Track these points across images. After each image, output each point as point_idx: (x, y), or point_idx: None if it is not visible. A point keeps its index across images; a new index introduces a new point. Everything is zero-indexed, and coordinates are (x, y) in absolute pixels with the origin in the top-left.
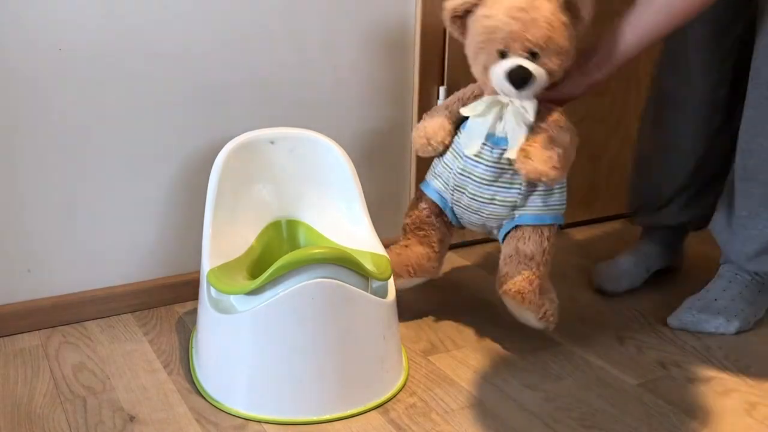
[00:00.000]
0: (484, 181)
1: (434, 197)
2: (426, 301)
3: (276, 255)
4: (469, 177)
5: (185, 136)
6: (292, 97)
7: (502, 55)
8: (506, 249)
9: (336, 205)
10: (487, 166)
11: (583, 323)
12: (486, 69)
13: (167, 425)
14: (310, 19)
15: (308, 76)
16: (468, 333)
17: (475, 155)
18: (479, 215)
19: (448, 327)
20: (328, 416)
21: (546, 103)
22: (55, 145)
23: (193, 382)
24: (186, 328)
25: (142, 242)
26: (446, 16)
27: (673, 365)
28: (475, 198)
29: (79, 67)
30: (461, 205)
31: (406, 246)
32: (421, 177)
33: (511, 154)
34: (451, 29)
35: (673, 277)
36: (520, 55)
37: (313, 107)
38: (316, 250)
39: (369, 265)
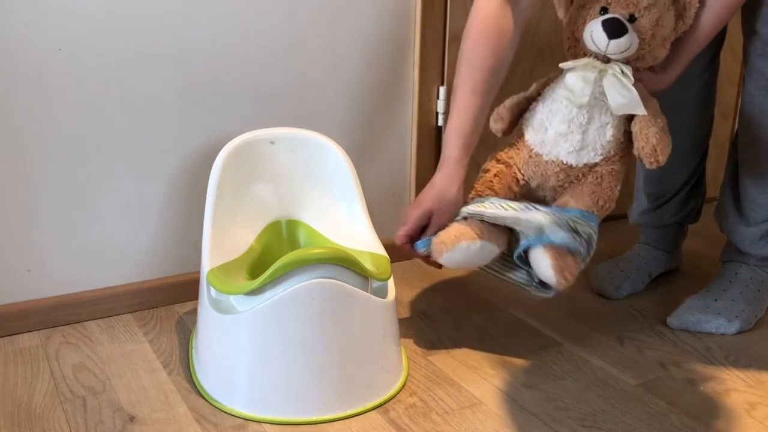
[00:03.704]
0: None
1: None
2: (426, 301)
3: (276, 255)
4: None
5: (185, 136)
6: (292, 97)
7: (603, 12)
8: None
9: (336, 205)
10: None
11: (583, 323)
12: (585, 23)
13: (167, 425)
14: (310, 19)
15: (308, 76)
16: (468, 333)
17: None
18: None
19: (448, 327)
20: (327, 416)
21: (641, 84)
22: (55, 144)
23: (193, 382)
24: (186, 328)
25: (142, 242)
26: None
27: (673, 365)
28: None
29: (79, 66)
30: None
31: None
32: (421, 177)
33: (639, 110)
34: None
35: (672, 277)
36: (620, 14)
37: (313, 107)
38: (316, 250)
39: (369, 265)
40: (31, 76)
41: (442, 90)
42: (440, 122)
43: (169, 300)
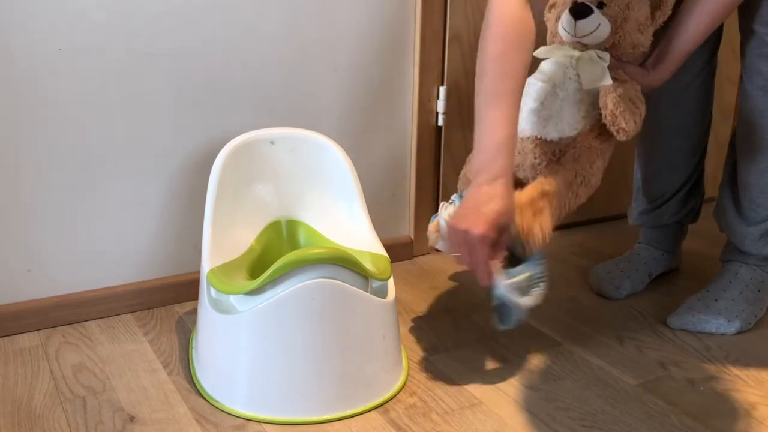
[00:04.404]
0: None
1: None
2: (426, 301)
3: (276, 255)
4: None
5: (185, 136)
6: (292, 97)
7: (573, 4)
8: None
9: (336, 205)
10: None
11: (583, 323)
12: (557, 20)
13: (167, 425)
14: (310, 18)
15: (308, 76)
16: (468, 333)
17: None
18: None
19: (448, 327)
20: (327, 416)
21: (620, 71)
22: (55, 145)
23: (193, 382)
24: (186, 328)
25: (142, 242)
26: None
27: (673, 365)
28: None
29: (79, 66)
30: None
31: None
32: (421, 177)
33: (605, 81)
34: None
35: (672, 276)
36: (588, 1)
37: (313, 107)
38: (316, 250)
39: (369, 265)
40: (31, 76)
41: (442, 90)
42: (440, 122)
43: (169, 300)
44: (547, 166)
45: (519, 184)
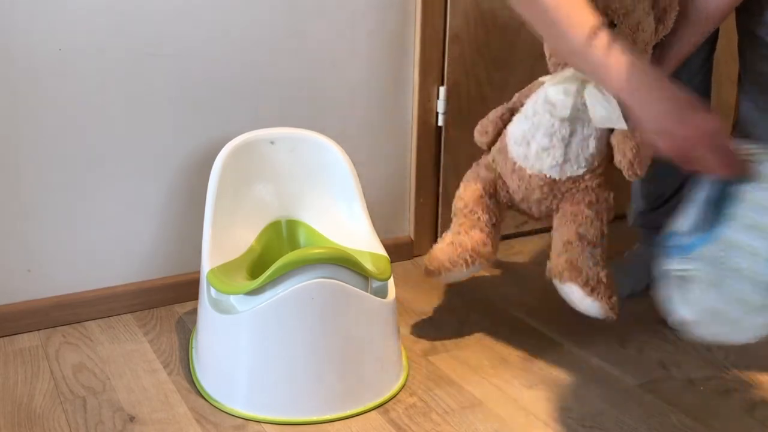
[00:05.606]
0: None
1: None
2: (426, 301)
3: (276, 255)
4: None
5: (185, 136)
6: (292, 97)
7: None
8: (564, 234)
9: (336, 205)
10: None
11: (583, 323)
12: None
13: (167, 425)
14: (310, 19)
15: (308, 75)
16: (468, 333)
17: None
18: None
19: (448, 327)
20: (327, 416)
21: None
22: (55, 145)
23: (193, 382)
24: (186, 328)
25: (142, 242)
26: None
27: (673, 365)
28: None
29: (79, 66)
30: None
31: (459, 233)
32: (420, 177)
33: (619, 125)
34: None
35: None
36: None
37: (313, 107)
38: (316, 250)
39: (369, 265)
40: (31, 76)
41: (442, 90)
42: (440, 122)
43: (169, 300)
44: (572, 214)
45: (525, 214)
